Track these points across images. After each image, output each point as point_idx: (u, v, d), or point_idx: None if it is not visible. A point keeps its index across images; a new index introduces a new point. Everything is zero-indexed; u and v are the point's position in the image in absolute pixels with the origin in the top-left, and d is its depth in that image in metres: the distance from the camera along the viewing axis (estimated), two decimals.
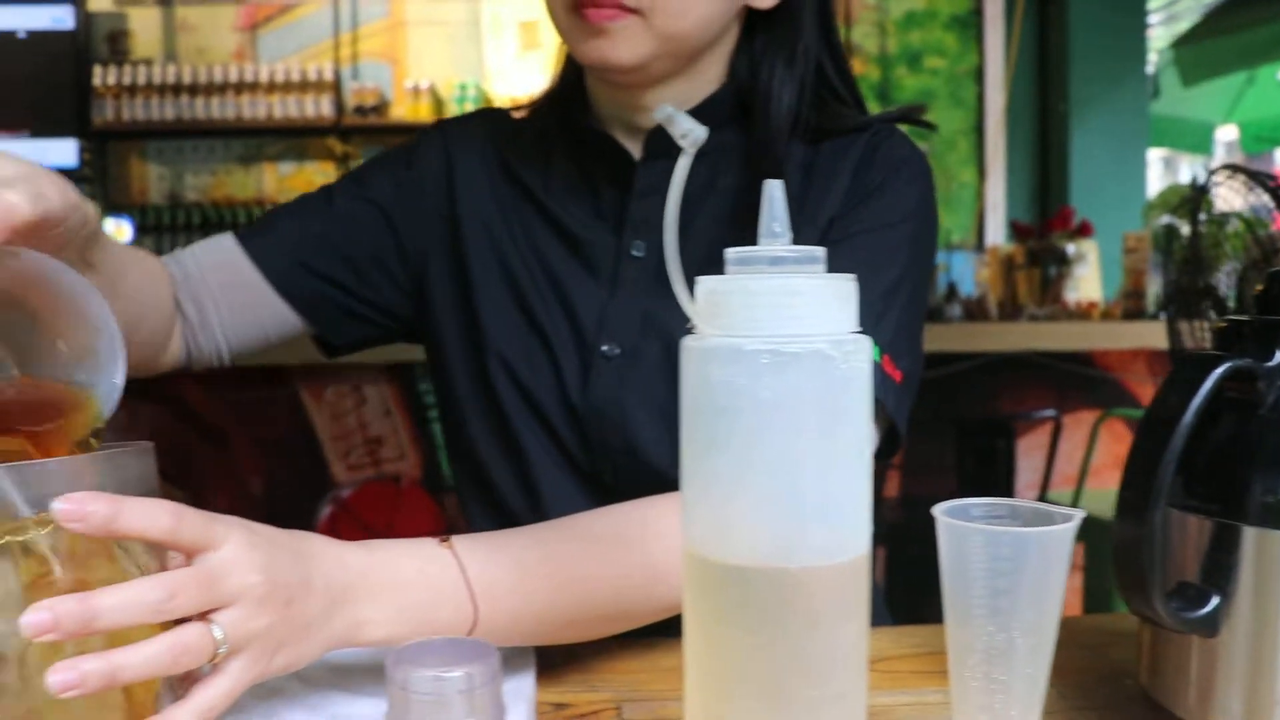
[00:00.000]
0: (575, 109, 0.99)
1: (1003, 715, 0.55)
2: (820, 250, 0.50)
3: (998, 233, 4.74)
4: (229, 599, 0.57)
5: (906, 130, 0.98)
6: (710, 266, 0.52)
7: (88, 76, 4.58)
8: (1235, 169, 1.50)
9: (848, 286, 0.50)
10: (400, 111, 4.86)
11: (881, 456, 0.87)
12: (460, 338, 1.00)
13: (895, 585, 2.69)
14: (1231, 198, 1.55)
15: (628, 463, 0.92)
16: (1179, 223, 2.67)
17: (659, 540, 0.76)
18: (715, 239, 0.71)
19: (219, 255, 0.97)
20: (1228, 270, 1.55)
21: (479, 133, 1.04)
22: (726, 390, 0.48)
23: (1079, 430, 2.86)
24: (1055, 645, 0.57)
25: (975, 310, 3.34)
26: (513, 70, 4.93)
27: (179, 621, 0.56)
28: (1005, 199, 4.86)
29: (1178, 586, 0.59)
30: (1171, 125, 5.76)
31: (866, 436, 0.50)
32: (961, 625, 0.56)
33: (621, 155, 0.97)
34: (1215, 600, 0.57)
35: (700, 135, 0.51)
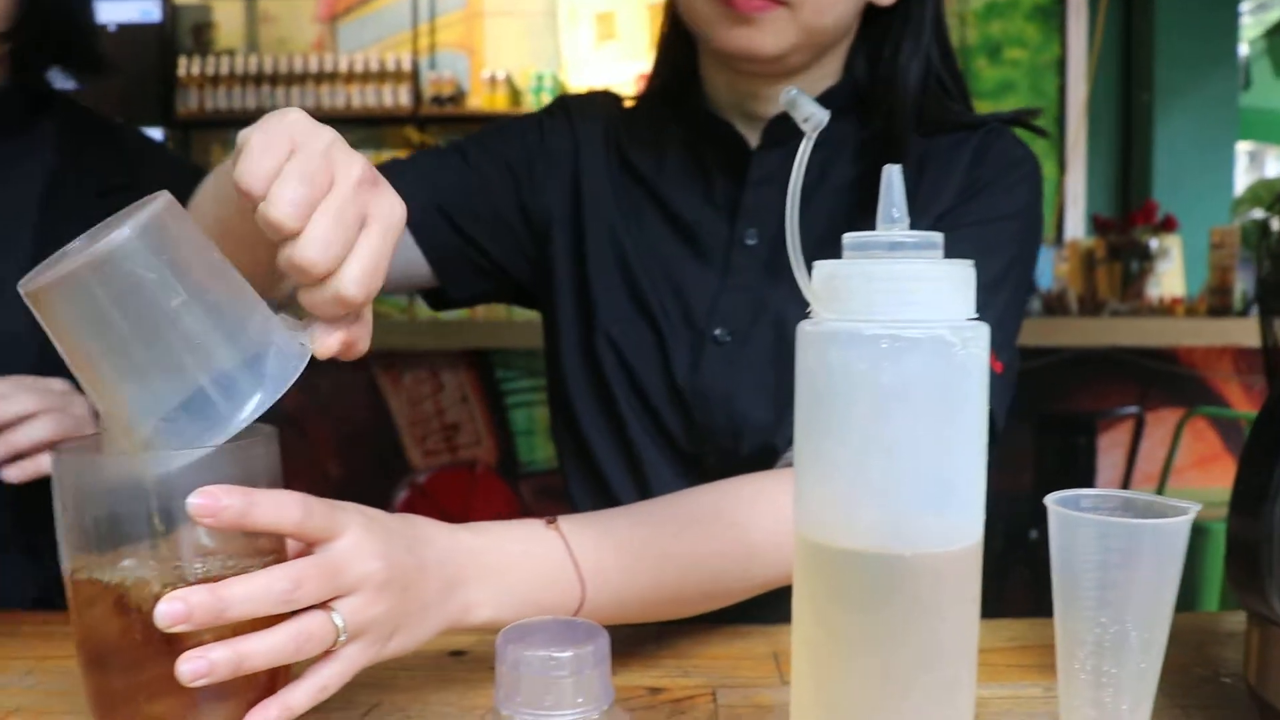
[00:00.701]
0: (689, 97, 1.00)
1: (1112, 710, 0.54)
2: (938, 236, 0.50)
3: (1077, 227, 4.65)
4: (350, 587, 0.58)
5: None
6: (822, 259, 0.52)
7: (173, 67, 4.70)
8: None
9: (966, 272, 0.49)
10: (477, 102, 4.90)
11: None
12: (573, 313, 1.01)
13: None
14: None
15: (732, 445, 0.94)
16: (1271, 217, 2.61)
17: (757, 518, 0.77)
18: (827, 232, 0.72)
19: None
20: None
21: (600, 114, 1.05)
22: (845, 375, 0.48)
23: (1161, 428, 2.81)
24: (1167, 641, 0.56)
25: (1055, 305, 3.29)
26: (589, 61, 4.94)
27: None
28: (1085, 192, 4.76)
29: None
30: (1261, 118, 5.61)
31: (983, 423, 0.49)
32: (1072, 617, 0.55)
33: (738, 143, 0.97)
34: None
35: (822, 119, 0.51)
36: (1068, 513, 0.54)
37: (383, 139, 5.05)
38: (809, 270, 0.50)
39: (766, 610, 0.79)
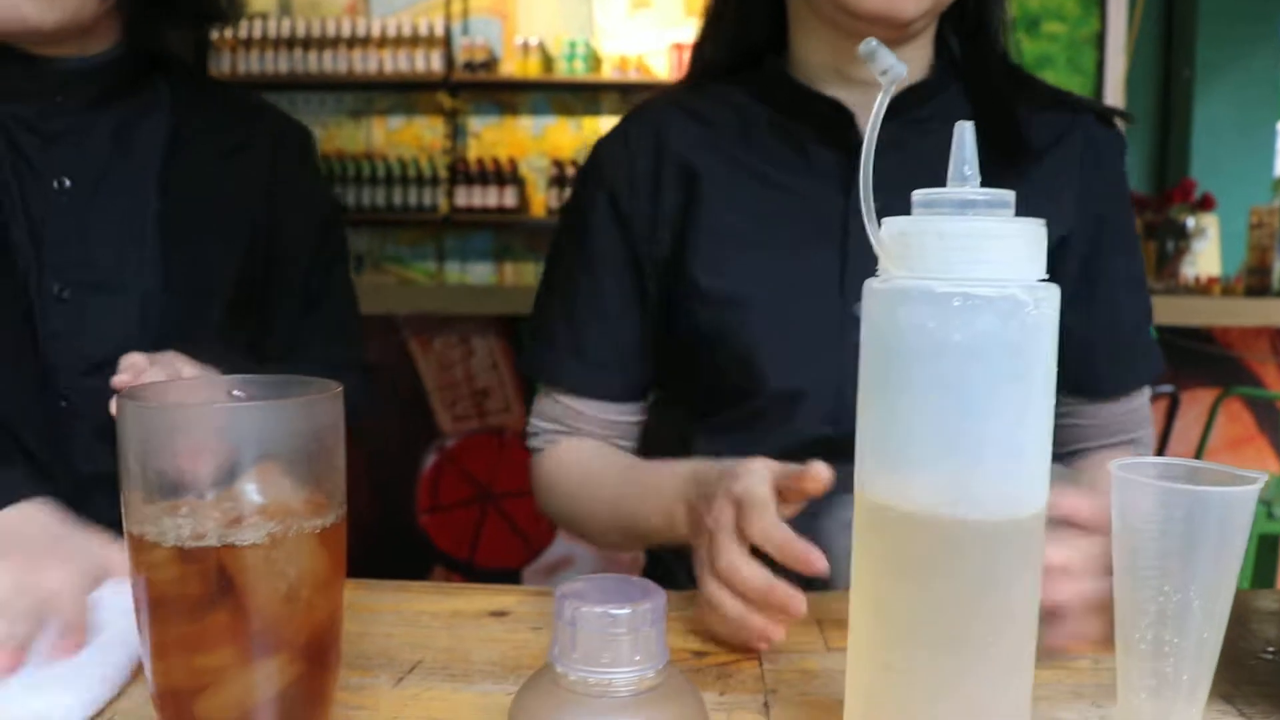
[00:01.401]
0: (771, 68, 1.00)
1: (1172, 680, 0.54)
2: (1010, 194, 0.48)
3: None
4: None
5: None
6: None
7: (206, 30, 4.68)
8: None
9: (1038, 231, 0.48)
10: (509, 68, 4.88)
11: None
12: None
13: None
14: None
15: None
16: None
17: None
18: None
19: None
20: None
21: (636, 152, 1.02)
22: (915, 333, 0.47)
23: (1195, 407, 2.78)
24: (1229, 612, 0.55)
25: None
26: (622, 29, 4.91)
27: None
28: None
29: None
30: None
31: (1051, 386, 0.48)
32: (1134, 587, 0.54)
33: (842, 115, 0.96)
34: None
35: (900, 72, 0.50)
36: (1134, 479, 0.53)
37: (414, 105, 5.04)
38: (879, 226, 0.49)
39: (815, 578, 0.78)
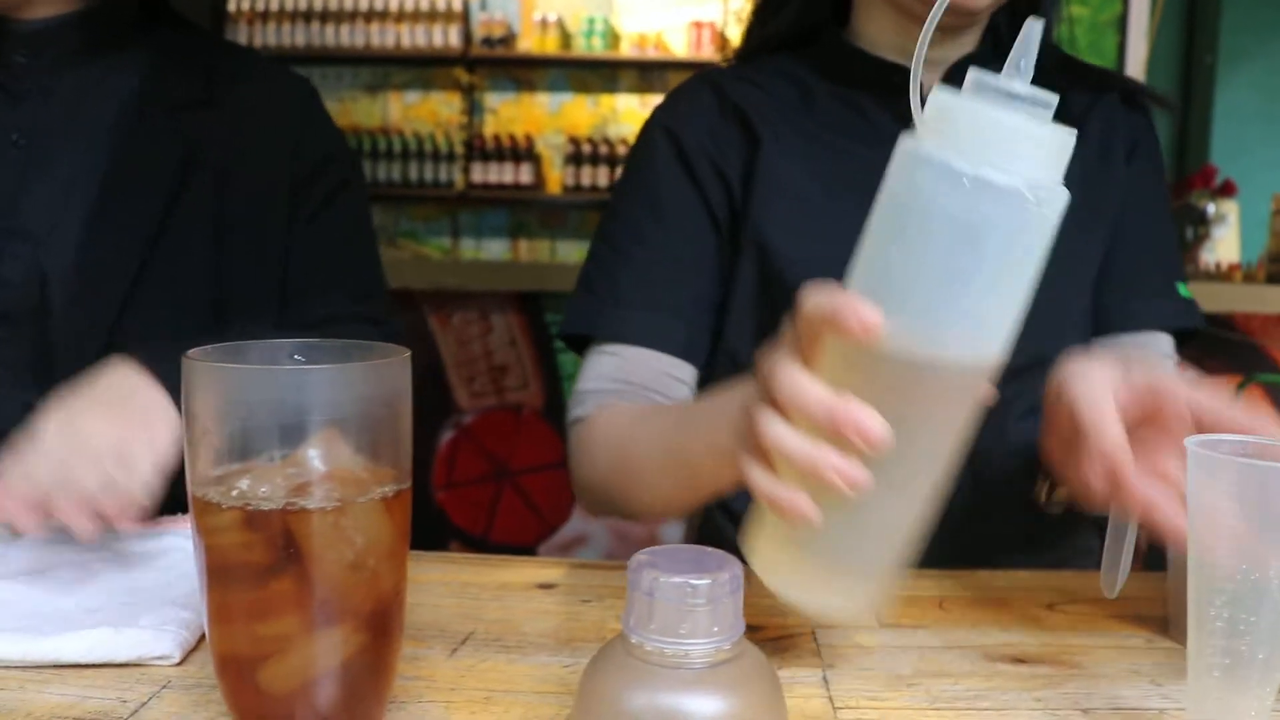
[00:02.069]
0: (831, 40, 1.00)
1: (1247, 659, 0.53)
2: (1053, 98, 0.50)
3: None
4: None
5: None
6: None
7: (223, 2, 4.66)
8: None
9: (1066, 140, 0.50)
10: (527, 44, 4.86)
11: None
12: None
13: None
14: None
15: None
16: None
17: None
18: None
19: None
20: None
21: (695, 109, 1.01)
22: (925, 198, 0.50)
23: None
24: None
25: None
26: (641, 6, 4.88)
27: None
28: None
29: None
30: None
31: (1033, 277, 0.52)
32: (1209, 565, 0.53)
33: (908, 81, 0.96)
34: None
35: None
36: (1211, 455, 0.53)
37: (431, 80, 5.02)
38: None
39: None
